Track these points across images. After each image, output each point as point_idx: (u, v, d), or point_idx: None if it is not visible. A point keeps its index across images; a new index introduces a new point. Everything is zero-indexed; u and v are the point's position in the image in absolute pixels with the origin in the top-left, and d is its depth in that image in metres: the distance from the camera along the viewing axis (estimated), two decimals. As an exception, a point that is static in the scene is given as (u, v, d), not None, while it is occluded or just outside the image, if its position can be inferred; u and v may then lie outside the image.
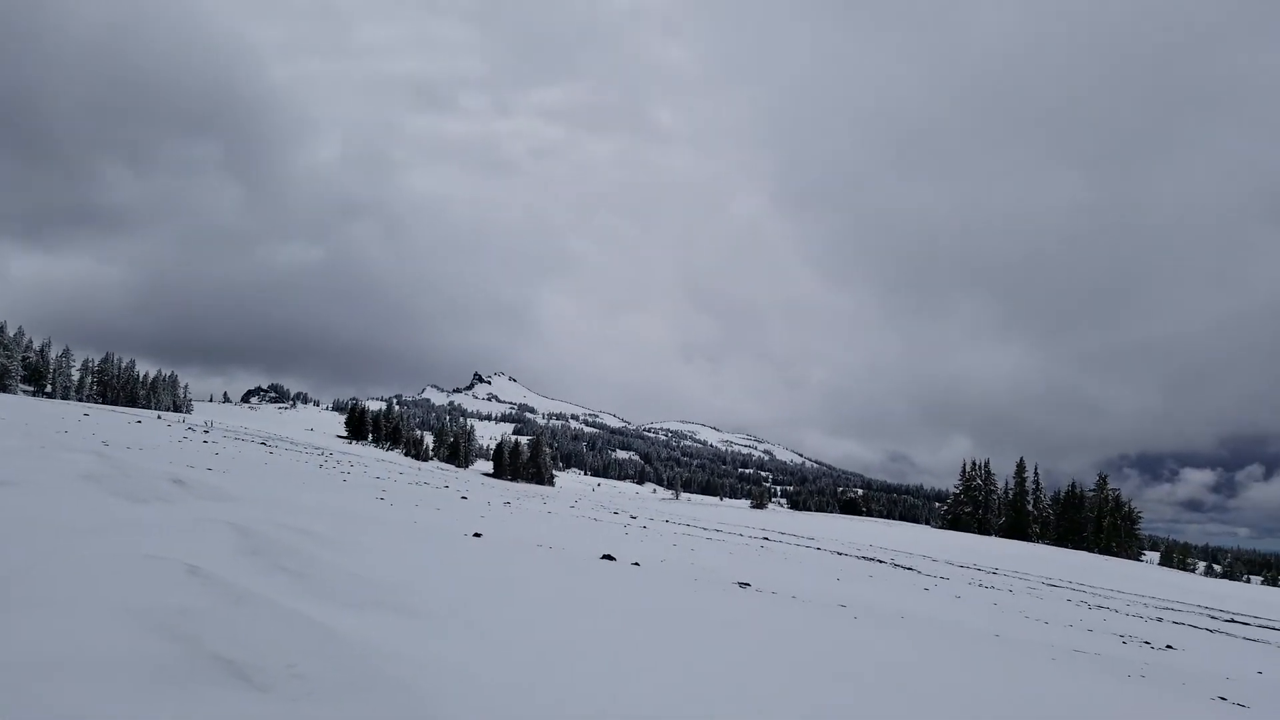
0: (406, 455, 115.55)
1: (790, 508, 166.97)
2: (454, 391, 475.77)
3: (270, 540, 8.05)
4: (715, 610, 11.30)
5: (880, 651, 10.34)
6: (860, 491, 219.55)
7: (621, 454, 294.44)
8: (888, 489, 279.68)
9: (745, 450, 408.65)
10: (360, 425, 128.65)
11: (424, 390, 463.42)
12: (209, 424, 75.88)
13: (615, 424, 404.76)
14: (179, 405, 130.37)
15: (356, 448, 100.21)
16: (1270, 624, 31.61)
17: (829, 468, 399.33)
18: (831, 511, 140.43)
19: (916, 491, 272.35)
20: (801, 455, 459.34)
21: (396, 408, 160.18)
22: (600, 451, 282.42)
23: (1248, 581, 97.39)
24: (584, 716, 4.64)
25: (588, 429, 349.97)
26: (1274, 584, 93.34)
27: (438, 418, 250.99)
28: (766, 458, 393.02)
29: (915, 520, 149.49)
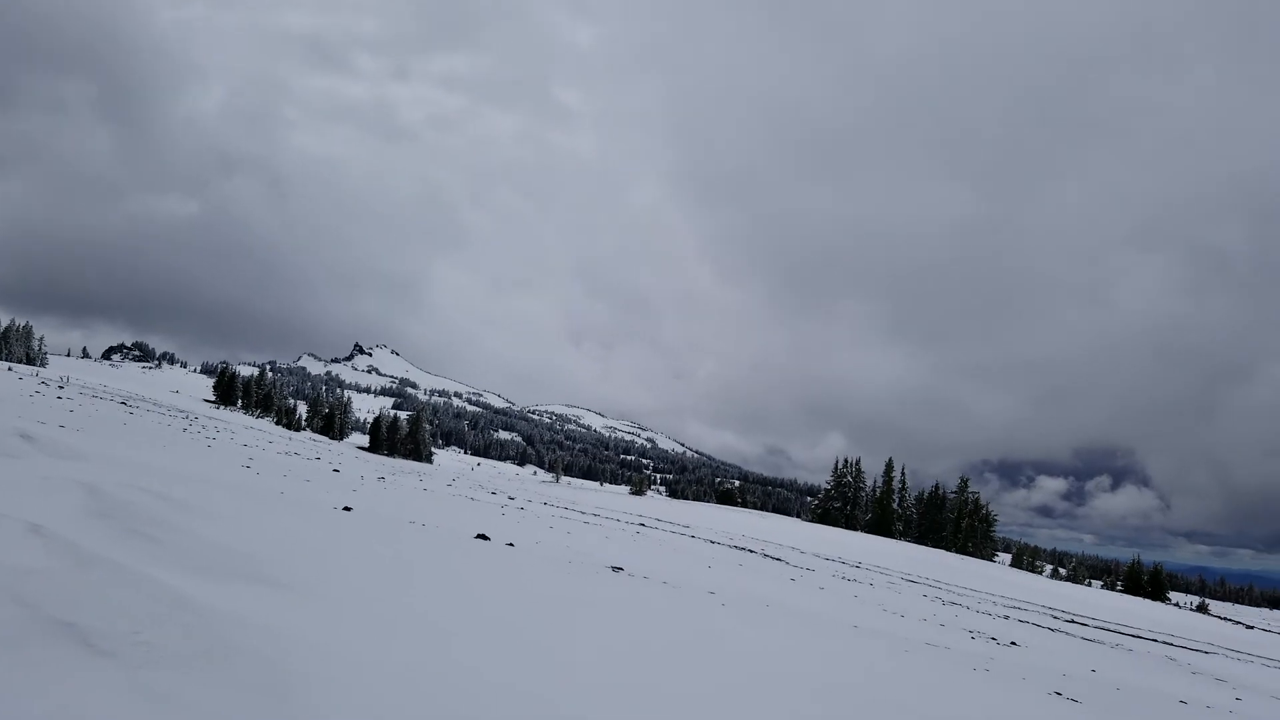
0: (278, 424, 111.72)
1: (669, 495, 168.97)
2: (332, 361, 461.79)
3: (123, 503, 7.66)
4: (586, 593, 11.35)
5: (743, 638, 10.59)
6: (737, 483, 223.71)
7: (504, 435, 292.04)
8: (763, 481, 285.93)
9: (629, 437, 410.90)
10: (230, 390, 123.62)
11: (300, 358, 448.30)
12: (64, 379, 71.70)
13: (499, 404, 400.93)
14: (33, 358, 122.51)
15: (225, 413, 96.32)
16: (1106, 625, 33.77)
17: (709, 458, 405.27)
18: (709, 501, 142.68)
19: (790, 485, 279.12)
20: (683, 444, 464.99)
21: (270, 374, 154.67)
22: (482, 431, 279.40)
23: (1089, 585, 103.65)
24: (443, 691, 4.60)
25: (470, 407, 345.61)
26: (1112, 589, 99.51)
27: (313, 387, 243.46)
28: (649, 445, 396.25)
29: (787, 513, 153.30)
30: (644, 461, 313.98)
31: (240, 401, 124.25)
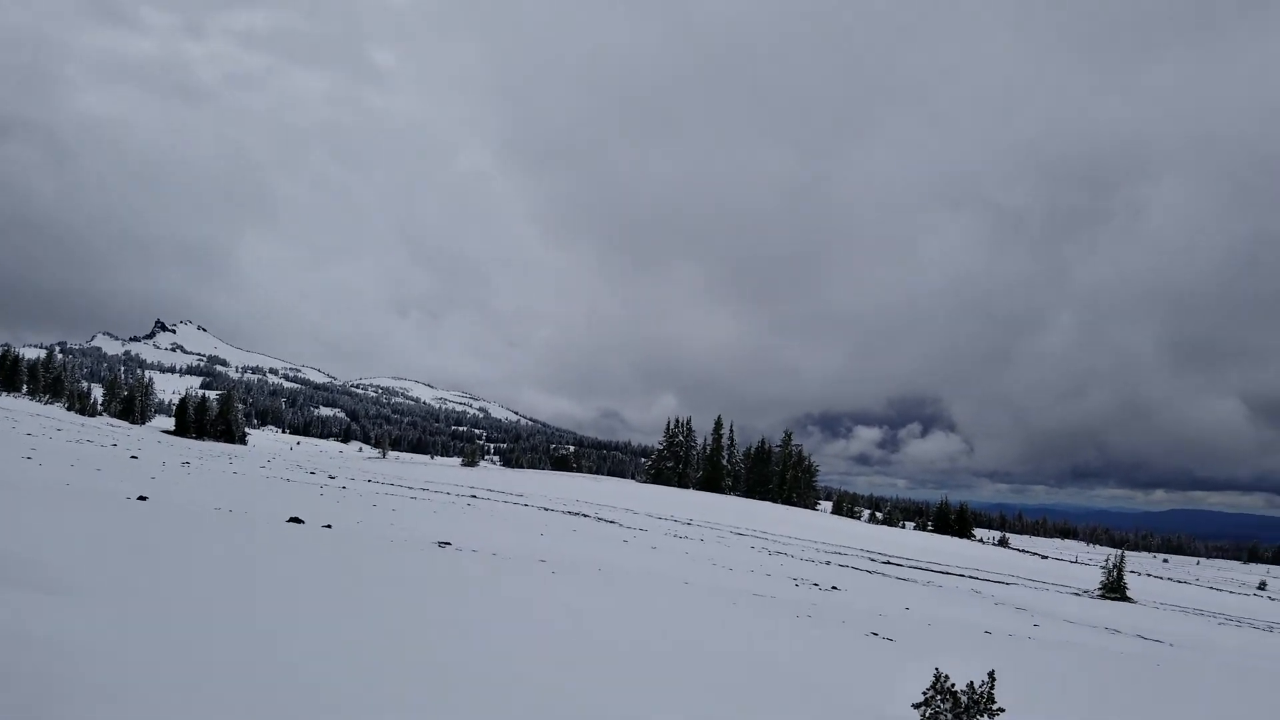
0: (70, 410, 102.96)
1: (503, 465, 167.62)
2: (131, 340, 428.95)
3: None
4: (409, 571, 10.88)
5: (573, 602, 10.43)
6: (572, 448, 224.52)
7: (326, 411, 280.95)
8: (599, 445, 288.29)
9: (460, 408, 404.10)
10: (13, 374, 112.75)
11: (94, 337, 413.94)
12: None
13: (320, 379, 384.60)
14: None
15: (7, 400, 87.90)
16: (918, 564, 35.95)
17: (543, 425, 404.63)
18: (544, 468, 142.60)
19: (625, 448, 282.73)
20: (517, 413, 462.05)
21: (60, 356, 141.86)
22: (301, 408, 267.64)
23: (903, 527, 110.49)
24: (244, 703, 4.13)
25: (288, 384, 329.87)
26: (924, 529, 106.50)
27: (110, 368, 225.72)
28: (481, 415, 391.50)
29: (623, 475, 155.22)
30: (477, 432, 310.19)
31: (26, 387, 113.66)
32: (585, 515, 36.13)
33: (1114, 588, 34.55)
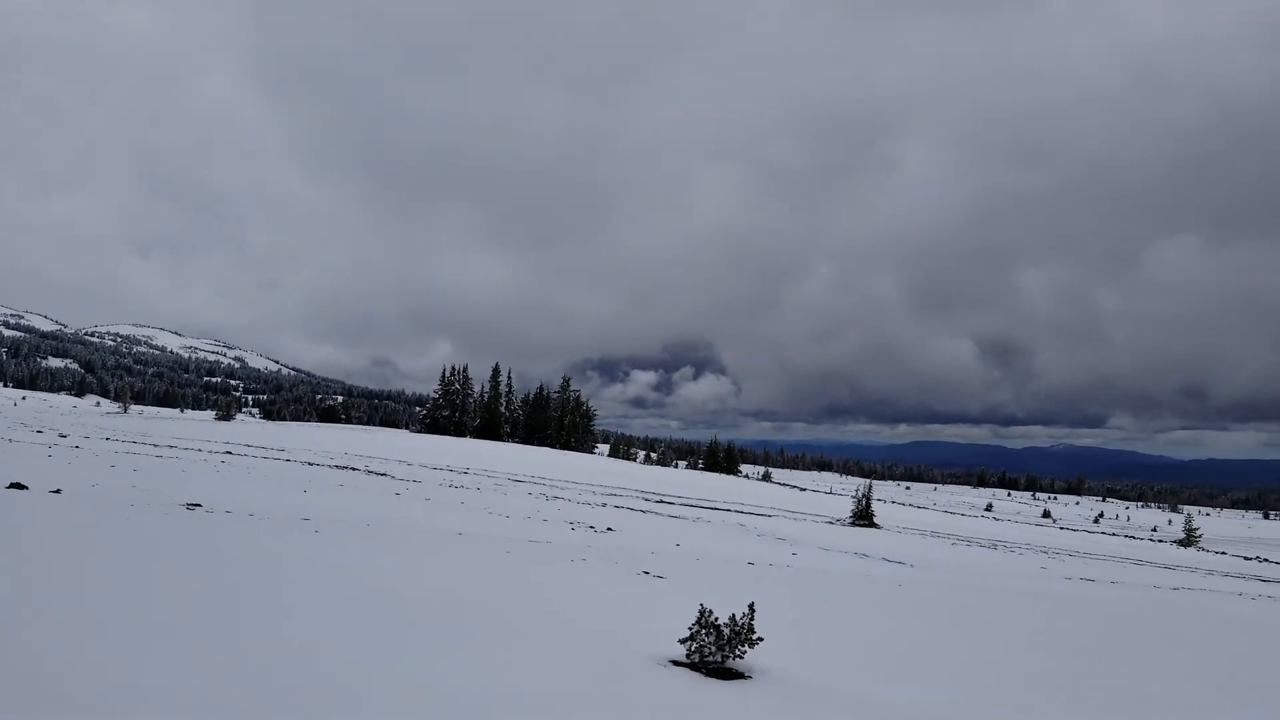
0: None
1: (263, 418, 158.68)
2: None
3: None
4: (150, 537, 9.92)
5: (335, 560, 9.90)
6: (340, 399, 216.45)
7: (56, 362, 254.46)
8: (369, 395, 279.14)
9: (213, 357, 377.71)
10: None
11: None
12: None
13: (47, 326, 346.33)
14: None
15: None
16: (689, 501, 37.38)
17: (308, 374, 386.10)
18: (309, 420, 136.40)
19: (398, 397, 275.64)
20: (278, 362, 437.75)
21: None
22: (26, 359, 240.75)
23: (676, 466, 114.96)
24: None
25: (9, 332, 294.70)
26: (695, 468, 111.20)
27: None
28: (237, 365, 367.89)
29: (396, 426, 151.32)
30: (233, 383, 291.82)
31: None
32: (354, 469, 34.80)
33: (863, 515, 37.44)
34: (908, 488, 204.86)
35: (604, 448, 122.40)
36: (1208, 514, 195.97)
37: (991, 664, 9.73)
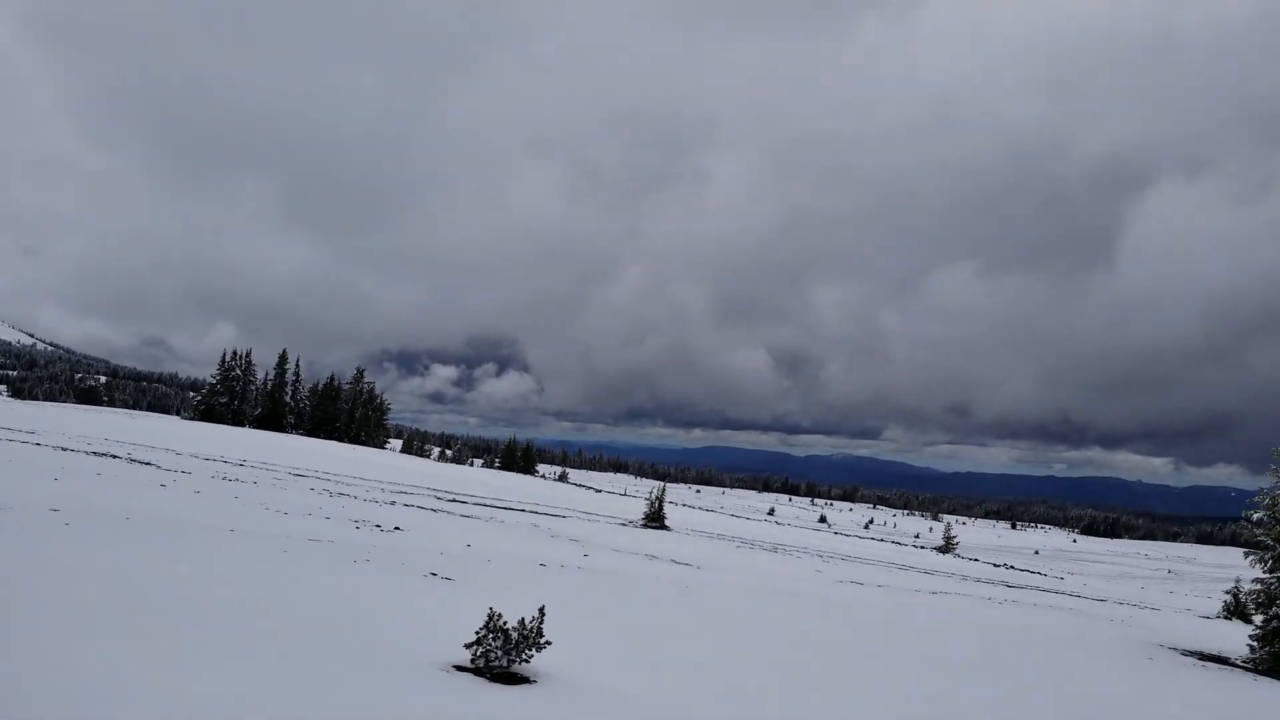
0: None
1: (12, 396, 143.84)
2: None
3: None
4: None
5: (92, 561, 9.01)
6: (104, 379, 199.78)
7: None
8: (138, 377, 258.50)
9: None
10: None
11: None
12: None
13: None
14: None
15: None
16: (484, 501, 36.85)
17: (67, 351, 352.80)
18: (66, 401, 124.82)
19: (171, 380, 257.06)
20: (33, 336, 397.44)
21: None
22: None
23: (471, 465, 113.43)
24: None
25: None
26: (492, 466, 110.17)
27: None
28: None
29: (166, 411, 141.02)
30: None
31: None
32: (115, 456, 31.97)
33: (655, 517, 38.21)
34: (698, 491, 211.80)
35: (397, 443, 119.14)
36: (964, 523, 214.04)
37: (773, 664, 10.13)
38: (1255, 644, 19.05)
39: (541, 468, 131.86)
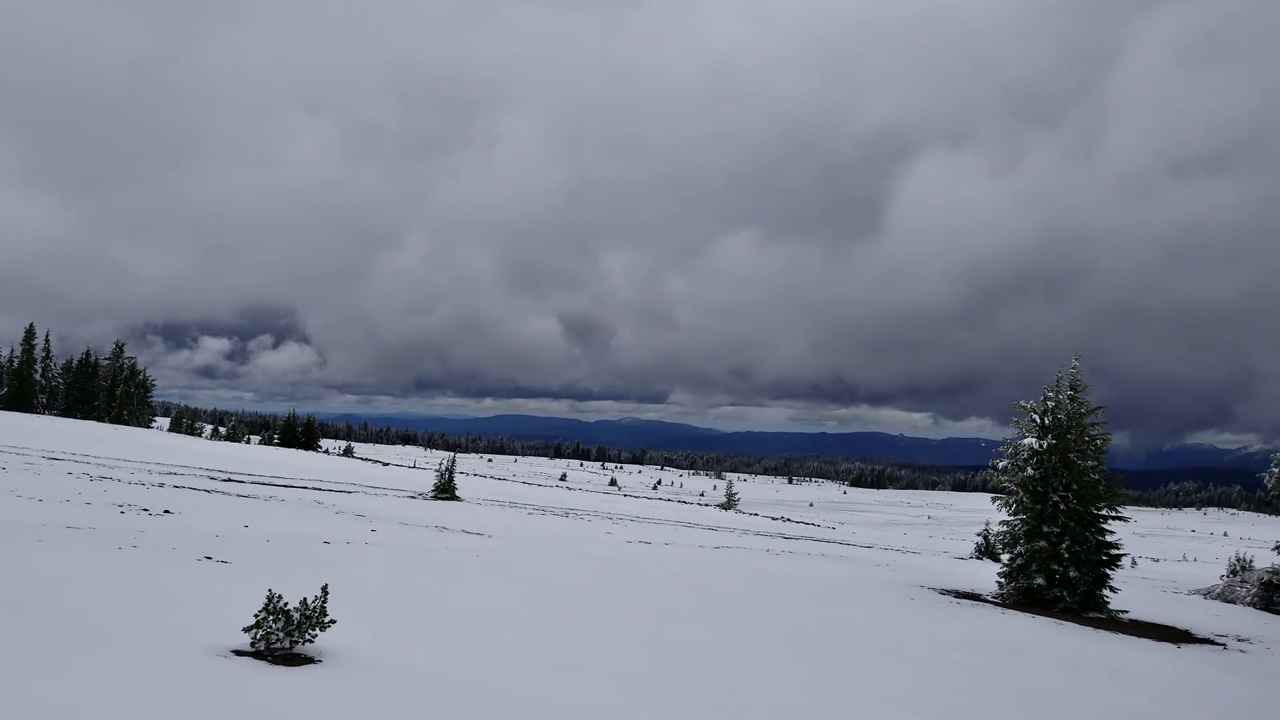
0: None
1: None
2: None
3: None
4: None
5: None
6: None
7: None
8: None
9: None
10: None
11: None
12: None
13: None
14: None
15: None
16: (261, 480, 35.09)
17: None
18: None
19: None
20: None
21: None
22: None
23: (248, 442, 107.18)
24: None
25: None
26: (270, 443, 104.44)
27: None
28: None
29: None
30: None
31: None
32: None
33: (445, 488, 37.79)
34: (490, 460, 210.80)
35: (164, 421, 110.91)
36: (745, 480, 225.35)
37: (566, 628, 10.35)
38: (1002, 580, 21.32)
39: (325, 443, 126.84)
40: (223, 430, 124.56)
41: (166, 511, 18.46)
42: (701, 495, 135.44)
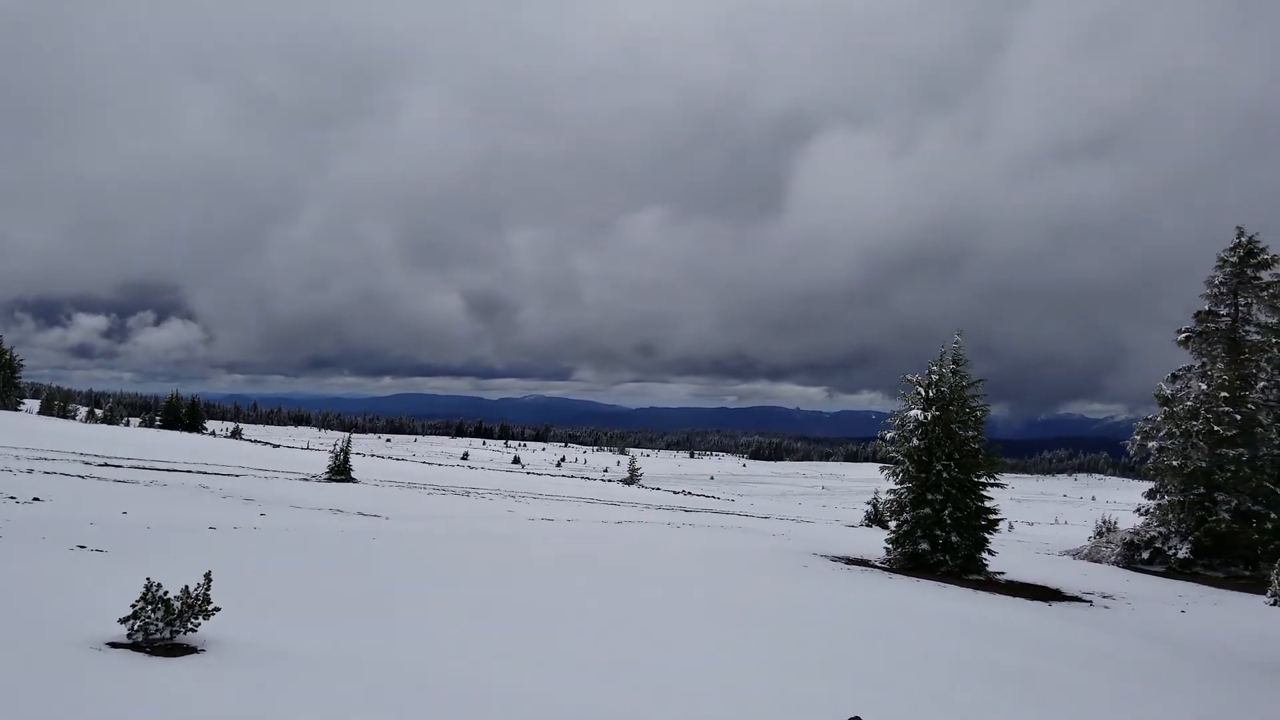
0: None
1: None
2: None
3: None
4: None
5: None
6: None
7: None
8: None
9: None
10: None
11: None
12: None
13: None
14: None
15: None
16: (142, 464, 33.63)
17: None
18: None
19: None
20: None
21: None
22: None
23: (127, 424, 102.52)
24: None
25: None
26: (151, 425, 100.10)
27: None
28: None
29: None
30: None
31: None
32: None
33: (340, 470, 36.95)
34: (389, 440, 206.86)
35: (34, 403, 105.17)
36: (649, 455, 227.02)
37: (463, 608, 10.28)
38: (890, 546, 22.15)
39: (211, 425, 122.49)
40: (99, 412, 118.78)
41: (36, 499, 17.54)
42: (605, 471, 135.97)
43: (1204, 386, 28.33)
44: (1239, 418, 27.42)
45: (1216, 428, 27.42)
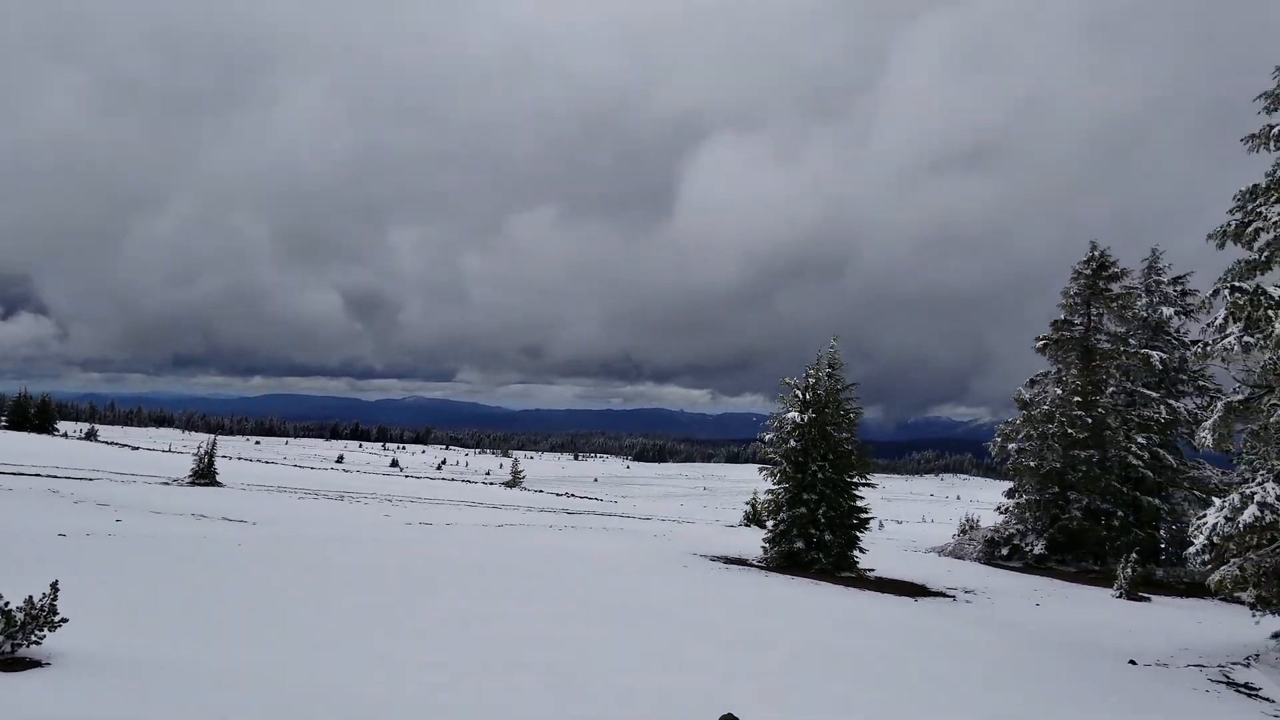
0: None
1: None
2: None
3: None
4: None
5: None
6: None
7: None
8: None
9: None
10: None
11: None
12: None
13: None
14: None
15: None
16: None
17: None
18: None
19: None
20: None
21: None
22: None
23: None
24: None
25: None
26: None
27: None
28: None
29: None
30: None
31: None
32: None
33: (204, 474, 35.35)
34: (258, 443, 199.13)
35: None
36: (532, 457, 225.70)
37: (330, 611, 9.95)
38: (767, 545, 22.58)
39: (63, 425, 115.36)
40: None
41: None
42: (487, 474, 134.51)
43: (1059, 391, 30.00)
44: (1090, 421, 29.17)
45: (1070, 430, 29.09)
